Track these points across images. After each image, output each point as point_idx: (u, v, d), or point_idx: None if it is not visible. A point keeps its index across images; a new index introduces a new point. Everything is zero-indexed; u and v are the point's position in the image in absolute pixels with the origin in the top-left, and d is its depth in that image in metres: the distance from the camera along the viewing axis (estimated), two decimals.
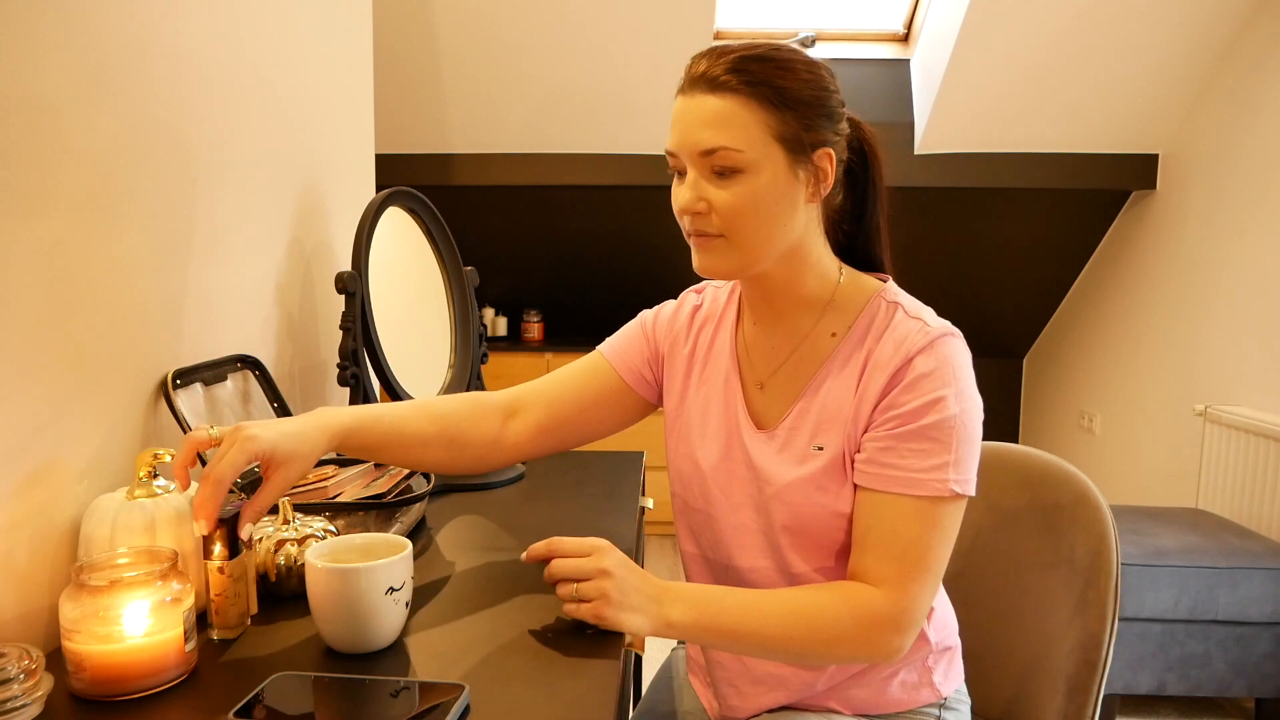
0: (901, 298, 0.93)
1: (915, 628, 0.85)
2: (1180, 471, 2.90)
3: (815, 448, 0.91)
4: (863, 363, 0.90)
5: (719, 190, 0.85)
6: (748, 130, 0.83)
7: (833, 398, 0.91)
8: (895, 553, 0.84)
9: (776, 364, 0.96)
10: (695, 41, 2.74)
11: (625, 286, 3.76)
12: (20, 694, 0.65)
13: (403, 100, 2.95)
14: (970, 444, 0.86)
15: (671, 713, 1.07)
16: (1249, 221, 2.65)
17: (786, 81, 0.84)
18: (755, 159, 0.83)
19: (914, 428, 0.85)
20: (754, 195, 0.84)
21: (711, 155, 0.84)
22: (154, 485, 0.83)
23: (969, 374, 0.87)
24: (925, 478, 0.84)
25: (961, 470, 0.85)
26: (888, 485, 0.85)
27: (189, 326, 1.06)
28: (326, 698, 0.71)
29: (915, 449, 0.84)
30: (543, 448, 1.03)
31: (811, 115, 0.85)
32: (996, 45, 2.73)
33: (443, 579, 0.96)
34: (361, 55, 1.66)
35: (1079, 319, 3.59)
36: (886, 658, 0.85)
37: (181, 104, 1.03)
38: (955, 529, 0.87)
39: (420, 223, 1.52)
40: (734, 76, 0.83)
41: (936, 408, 0.84)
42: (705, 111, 0.84)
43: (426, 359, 1.53)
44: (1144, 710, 2.21)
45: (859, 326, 0.92)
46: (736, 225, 0.86)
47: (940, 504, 0.84)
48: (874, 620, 0.83)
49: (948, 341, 0.87)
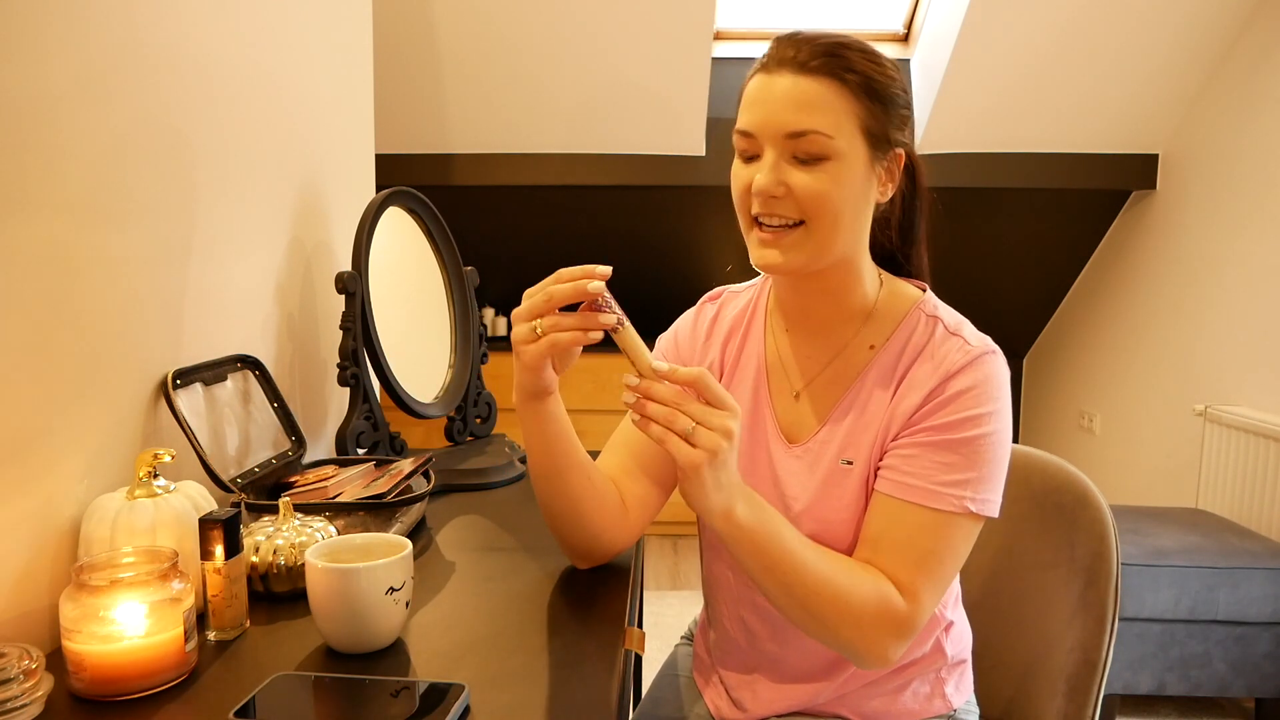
0: (941, 311, 0.91)
1: (912, 639, 0.84)
2: (1180, 471, 2.90)
3: (844, 462, 0.89)
4: (899, 379, 0.88)
5: (802, 175, 0.82)
6: (839, 117, 0.81)
7: (867, 413, 0.89)
8: (911, 560, 0.83)
9: (812, 374, 0.93)
10: (695, 41, 2.74)
11: (626, 287, 3.76)
12: (20, 694, 0.65)
13: (403, 100, 2.95)
14: (998, 465, 0.84)
15: (673, 714, 1.07)
16: (1249, 222, 2.64)
17: (878, 75, 0.82)
18: (843, 148, 0.81)
19: (943, 439, 0.83)
20: (838, 183, 0.82)
21: (800, 138, 0.80)
22: (154, 485, 0.83)
23: (1007, 393, 0.86)
24: (945, 491, 0.82)
25: (984, 490, 0.83)
26: (906, 494, 0.84)
27: (189, 326, 1.06)
28: (326, 698, 0.71)
29: (940, 461, 0.83)
30: (654, 500, 0.97)
31: (895, 112, 0.84)
32: (996, 45, 2.73)
33: (443, 579, 0.96)
34: (361, 55, 1.66)
35: (1079, 319, 3.59)
36: (878, 660, 0.83)
37: (181, 104, 1.03)
38: (967, 548, 0.85)
39: (420, 223, 1.52)
40: (830, 61, 0.81)
41: (972, 424, 0.83)
42: (797, 93, 0.80)
43: (426, 359, 1.53)
44: (1144, 710, 2.21)
45: (897, 340, 0.89)
46: (816, 212, 0.82)
47: (955, 520, 0.83)
48: (891, 618, 0.81)
49: (987, 360, 0.85)
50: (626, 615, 0.88)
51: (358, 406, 1.31)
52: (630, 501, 0.95)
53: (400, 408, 1.38)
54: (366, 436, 1.32)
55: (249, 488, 1.05)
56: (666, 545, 3.45)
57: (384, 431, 1.36)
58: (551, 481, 0.89)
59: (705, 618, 1.09)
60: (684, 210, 3.34)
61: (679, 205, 3.27)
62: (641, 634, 0.87)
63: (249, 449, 1.17)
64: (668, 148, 3.08)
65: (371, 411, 1.33)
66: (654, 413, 0.75)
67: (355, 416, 1.30)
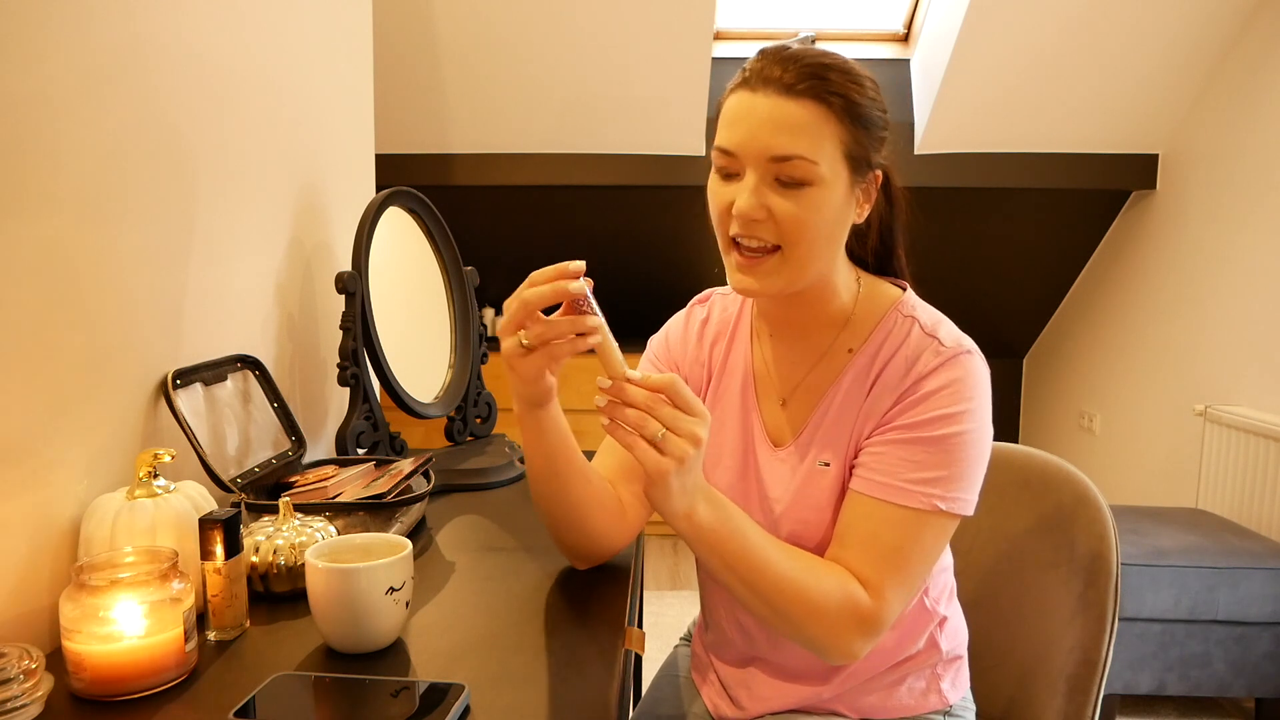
0: (919, 310, 0.90)
1: (879, 636, 0.83)
2: (1180, 471, 2.90)
3: (821, 463, 0.90)
4: (873, 379, 0.88)
5: (782, 200, 0.80)
6: (823, 143, 0.79)
7: (844, 414, 0.89)
8: (875, 555, 0.83)
9: (796, 380, 0.94)
10: (695, 42, 2.74)
11: (626, 287, 3.76)
12: (20, 694, 0.65)
13: (403, 100, 2.95)
14: (973, 464, 0.83)
15: (672, 713, 1.07)
16: (1249, 222, 2.64)
17: (860, 97, 0.81)
18: (825, 174, 0.80)
19: (914, 437, 0.83)
20: (819, 210, 0.81)
21: (784, 163, 0.79)
22: (154, 485, 0.83)
23: (984, 392, 0.85)
24: (913, 489, 0.82)
25: (955, 488, 0.82)
26: (875, 491, 0.84)
27: (189, 326, 1.06)
28: (326, 698, 0.71)
29: (909, 459, 0.83)
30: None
31: (875, 135, 0.83)
32: (996, 45, 2.73)
33: (443, 579, 0.96)
34: (362, 55, 1.66)
35: (1079, 319, 3.59)
36: (843, 656, 0.83)
37: (181, 104, 1.03)
38: (938, 546, 0.85)
39: (420, 223, 1.52)
40: (814, 84, 0.79)
41: (943, 423, 0.83)
42: (781, 116, 0.79)
43: (426, 359, 1.53)
44: (1144, 710, 2.21)
45: (873, 341, 0.89)
46: (795, 239, 0.81)
47: (924, 517, 0.82)
48: (854, 614, 0.81)
49: (962, 360, 0.85)
50: (626, 615, 0.88)
51: (358, 406, 1.31)
52: (627, 501, 0.95)
53: (400, 408, 1.38)
54: (366, 436, 1.32)
55: (249, 488, 1.05)
56: (666, 545, 3.45)
57: (384, 431, 1.36)
58: (551, 485, 0.88)
59: (703, 618, 1.09)
60: (684, 210, 3.34)
61: (679, 205, 3.26)
62: (641, 634, 0.87)
63: (249, 449, 1.17)
64: (667, 148, 3.08)
65: (371, 411, 1.33)
66: (625, 417, 0.74)
67: (355, 416, 1.30)
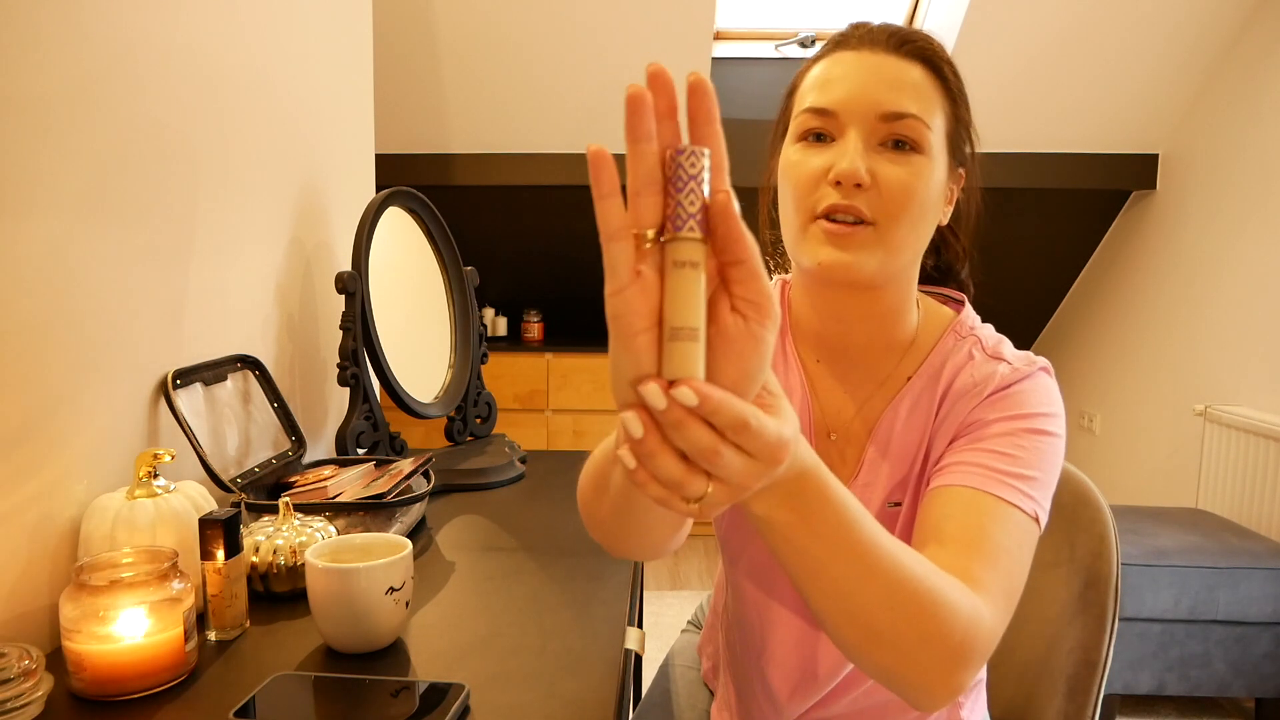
0: (979, 329, 0.81)
1: (982, 665, 0.63)
2: (1180, 471, 2.90)
3: (891, 504, 0.78)
4: (936, 406, 0.77)
5: (891, 165, 0.69)
6: (935, 111, 0.71)
7: (906, 446, 0.78)
8: (977, 549, 0.64)
9: (849, 412, 0.80)
10: (695, 41, 2.74)
11: None
12: (20, 694, 0.65)
13: (403, 100, 2.95)
14: (1053, 474, 0.72)
15: (672, 714, 1.06)
16: (1249, 222, 2.64)
17: (960, 79, 0.74)
18: (934, 144, 0.71)
19: (1000, 431, 0.71)
20: (925, 181, 0.70)
21: (896, 121, 0.69)
22: (154, 485, 0.83)
23: (1062, 406, 0.76)
24: (1004, 480, 0.68)
25: (1039, 491, 0.69)
26: (963, 479, 0.68)
27: (189, 326, 1.06)
28: (326, 698, 0.71)
29: (998, 451, 0.71)
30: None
31: (968, 123, 0.77)
32: (996, 45, 2.73)
33: (443, 579, 0.96)
34: (361, 55, 1.66)
35: (1079, 319, 3.59)
36: (947, 694, 0.59)
37: (181, 104, 1.03)
38: (1027, 558, 0.68)
39: (420, 223, 1.52)
40: (925, 47, 0.72)
41: (1037, 419, 0.72)
42: (894, 72, 0.70)
43: (426, 359, 1.53)
44: (1144, 710, 2.21)
45: (932, 364, 0.79)
46: (896, 211, 0.69)
47: (1014, 515, 0.67)
48: (977, 637, 0.59)
49: (1042, 375, 0.76)
50: (626, 615, 0.88)
51: (358, 406, 1.31)
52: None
53: (400, 408, 1.38)
54: (366, 436, 1.32)
55: (249, 488, 1.05)
56: None
57: (384, 431, 1.36)
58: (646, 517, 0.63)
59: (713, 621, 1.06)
60: None
61: None
62: (641, 634, 0.87)
63: (249, 449, 1.17)
64: None
65: (371, 411, 1.33)
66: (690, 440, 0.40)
67: (355, 416, 1.30)
